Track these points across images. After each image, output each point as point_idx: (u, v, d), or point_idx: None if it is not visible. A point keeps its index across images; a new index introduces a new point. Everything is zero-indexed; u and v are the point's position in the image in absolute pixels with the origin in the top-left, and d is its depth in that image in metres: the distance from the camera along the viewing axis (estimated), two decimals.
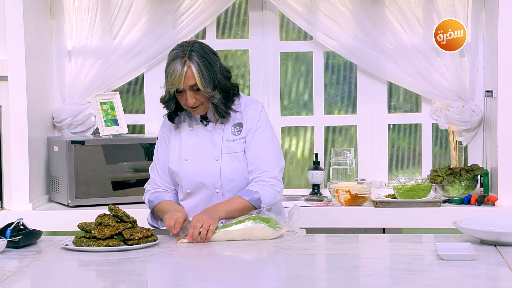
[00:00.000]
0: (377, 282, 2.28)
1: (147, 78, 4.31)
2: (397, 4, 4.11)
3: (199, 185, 2.97)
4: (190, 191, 2.98)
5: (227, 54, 4.35)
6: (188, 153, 2.98)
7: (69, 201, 3.87)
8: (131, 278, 2.35)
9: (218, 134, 2.98)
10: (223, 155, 2.96)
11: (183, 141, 3.00)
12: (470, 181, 3.94)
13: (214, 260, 2.63)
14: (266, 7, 4.26)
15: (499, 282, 2.27)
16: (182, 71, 2.84)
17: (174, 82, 2.85)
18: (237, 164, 2.96)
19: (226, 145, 2.96)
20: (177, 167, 2.98)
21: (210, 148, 2.97)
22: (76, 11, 4.18)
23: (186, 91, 2.87)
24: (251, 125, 2.97)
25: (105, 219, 2.69)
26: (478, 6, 4.08)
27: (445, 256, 2.46)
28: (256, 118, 2.98)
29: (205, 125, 2.99)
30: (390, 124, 4.27)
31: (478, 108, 4.10)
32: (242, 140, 2.97)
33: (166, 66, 2.90)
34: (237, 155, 2.96)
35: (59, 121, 4.19)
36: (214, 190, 2.96)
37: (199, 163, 2.96)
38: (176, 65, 2.84)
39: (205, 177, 2.95)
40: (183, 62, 2.84)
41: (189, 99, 2.88)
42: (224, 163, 2.95)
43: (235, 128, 2.98)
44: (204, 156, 2.97)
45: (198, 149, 2.98)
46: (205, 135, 2.99)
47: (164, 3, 4.19)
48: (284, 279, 2.32)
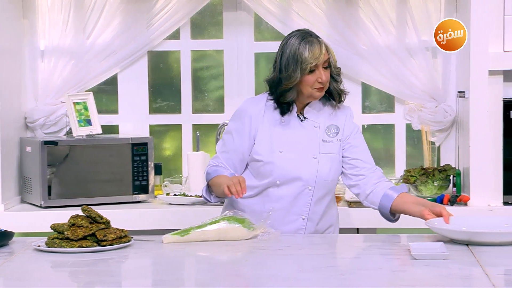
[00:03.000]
0: (350, 282, 2.29)
1: (121, 78, 4.30)
2: (370, 5, 4.13)
3: (293, 179, 3.00)
4: (280, 183, 3.01)
5: (201, 55, 4.34)
6: (282, 145, 3.01)
7: (41, 202, 3.84)
8: (104, 279, 2.34)
9: (314, 132, 3.04)
10: (320, 155, 3.02)
11: (275, 132, 3.02)
12: (443, 181, 3.98)
13: (189, 260, 2.63)
14: (241, 8, 4.26)
15: (471, 282, 2.29)
16: (321, 45, 2.95)
17: (315, 56, 2.93)
18: (333, 165, 3.03)
19: (323, 145, 3.03)
20: (268, 159, 3.00)
21: (307, 144, 3.02)
22: (49, 10, 4.15)
23: (319, 67, 2.95)
24: (351, 128, 3.08)
25: (78, 220, 2.68)
26: (451, 7, 4.12)
27: (418, 256, 2.48)
28: (352, 122, 3.11)
29: (301, 120, 3.03)
30: (364, 125, 4.29)
31: (451, 109, 4.14)
32: (337, 143, 3.05)
33: (294, 48, 2.95)
34: (333, 156, 3.04)
35: (32, 121, 4.15)
36: (306, 187, 3.01)
37: (295, 157, 3.01)
38: (312, 42, 2.95)
39: (301, 172, 3.00)
40: (316, 39, 2.96)
41: (324, 74, 2.95)
42: (322, 162, 3.01)
43: (329, 129, 3.05)
44: (301, 151, 3.01)
45: (293, 143, 3.02)
46: (299, 130, 3.04)
47: (138, 3, 4.17)
48: (259, 280, 2.32)
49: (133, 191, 3.95)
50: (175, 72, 4.34)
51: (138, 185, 3.96)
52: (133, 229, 3.14)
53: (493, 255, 2.58)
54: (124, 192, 3.94)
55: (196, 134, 4.16)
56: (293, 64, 2.95)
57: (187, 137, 4.33)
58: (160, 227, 3.69)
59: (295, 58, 2.94)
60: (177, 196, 3.92)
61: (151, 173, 3.99)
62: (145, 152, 3.97)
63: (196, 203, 3.86)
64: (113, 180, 3.92)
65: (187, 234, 2.79)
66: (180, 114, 4.34)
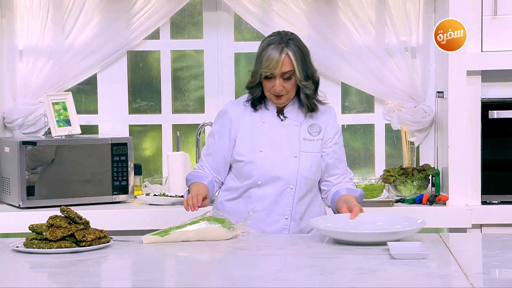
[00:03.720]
0: (330, 282, 2.29)
1: (100, 78, 4.28)
2: (350, 5, 4.14)
3: (274, 179, 3.00)
4: (261, 183, 3.01)
5: (181, 55, 4.33)
6: (262, 145, 3.01)
7: (20, 203, 3.82)
8: (83, 280, 2.33)
9: (295, 131, 3.03)
10: (301, 153, 3.01)
11: (255, 132, 3.03)
12: (422, 181, 4.00)
13: (169, 261, 2.62)
14: (221, 8, 4.26)
15: (450, 281, 2.30)
16: (280, 57, 2.91)
17: (269, 66, 2.91)
18: (314, 164, 3.03)
19: (304, 143, 3.02)
20: (249, 158, 3.00)
21: (287, 143, 3.01)
22: (27, 10, 4.12)
23: (276, 78, 2.92)
24: (333, 130, 3.07)
25: (56, 221, 2.66)
26: (429, 7, 4.14)
27: (396, 255, 2.49)
28: (335, 122, 3.10)
29: (282, 120, 3.02)
30: (344, 125, 4.30)
31: (430, 109, 4.16)
32: (319, 142, 3.05)
33: (261, 50, 2.95)
34: (314, 155, 3.03)
35: (10, 121, 4.12)
36: (288, 186, 3.00)
37: (276, 157, 3.00)
38: (273, 51, 2.91)
39: (282, 171, 2.99)
40: (280, 49, 2.91)
41: (277, 86, 2.93)
42: (302, 161, 3.01)
43: (311, 128, 3.04)
44: (281, 150, 3.01)
45: (274, 142, 3.01)
46: (280, 130, 3.03)
47: (117, 2, 4.16)
48: (239, 280, 2.32)
49: (113, 191, 3.94)
50: (155, 72, 4.33)
51: (117, 186, 3.94)
52: (113, 229, 3.13)
53: (472, 255, 2.60)
54: (103, 192, 3.92)
55: (176, 134, 4.15)
56: (256, 65, 2.98)
57: (167, 137, 4.32)
58: (140, 228, 3.68)
59: (258, 60, 2.97)
60: (157, 196, 3.91)
61: (130, 174, 3.97)
62: (125, 152, 3.96)
63: (176, 203, 3.85)
64: (92, 180, 3.91)
65: (167, 234, 2.79)
66: (160, 114, 4.33)
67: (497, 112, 3.84)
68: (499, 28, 3.82)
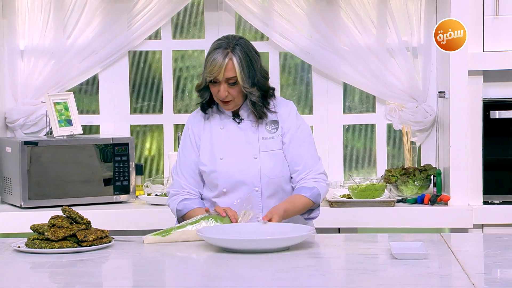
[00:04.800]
0: (331, 281, 2.29)
1: (101, 78, 4.28)
2: (351, 6, 4.14)
3: (238, 184, 2.94)
4: (226, 190, 2.96)
5: (182, 55, 4.34)
6: (222, 152, 2.96)
7: (22, 203, 3.82)
8: (84, 280, 2.33)
9: (253, 132, 2.97)
10: (261, 153, 2.96)
11: (214, 140, 2.97)
12: (424, 181, 3.99)
13: (170, 261, 2.63)
14: (222, 8, 4.26)
15: (451, 281, 2.30)
16: (223, 62, 2.85)
17: (212, 71, 2.85)
18: (276, 162, 2.97)
19: (263, 143, 2.97)
20: (211, 167, 2.95)
21: (246, 146, 2.96)
22: (28, 10, 4.13)
23: (221, 83, 2.87)
24: (290, 125, 2.98)
25: (58, 221, 2.67)
26: (431, 7, 4.14)
27: (398, 255, 2.49)
28: (293, 118, 3.00)
29: (238, 123, 2.97)
30: (345, 125, 4.30)
31: (431, 109, 4.16)
32: (278, 138, 2.98)
33: (208, 54, 2.90)
34: (275, 153, 2.97)
35: (11, 121, 4.13)
36: (253, 188, 2.95)
37: (236, 161, 2.95)
38: (218, 55, 2.86)
39: (244, 175, 2.94)
40: (225, 54, 2.86)
41: (222, 91, 2.88)
42: (263, 161, 2.95)
43: (270, 125, 2.98)
44: (241, 154, 2.95)
45: (233, 147, 2.96)
46: (238, 133, 2.97)
47: (118, 2, 4.16)
48: (239, 280, 2.32)
49: (114, 191, 3.94)
50: (156, 72, 4.34)
51: (119, 186, 3.95)
52: (114, 229, 3.14)
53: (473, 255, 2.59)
54: (105, 192, 3.93)
55: (178, 134, 4.15)
56: (204, 68, 2.92)
57: (169, 137, 4.32)
58: (141, 228, 3.69)
59: (205, 64, 2.91)
60: (158, 196, 3.91)
61: (132, 174, 3.97)
62: (126, 152, 3.96)
63: None
64: (94, 180, 3.91)
65: (168, 234, 2.79)
66: (161, 114, 4.33)
67: (498, 112, 3.84)
68: (501, 28, 3.81)
